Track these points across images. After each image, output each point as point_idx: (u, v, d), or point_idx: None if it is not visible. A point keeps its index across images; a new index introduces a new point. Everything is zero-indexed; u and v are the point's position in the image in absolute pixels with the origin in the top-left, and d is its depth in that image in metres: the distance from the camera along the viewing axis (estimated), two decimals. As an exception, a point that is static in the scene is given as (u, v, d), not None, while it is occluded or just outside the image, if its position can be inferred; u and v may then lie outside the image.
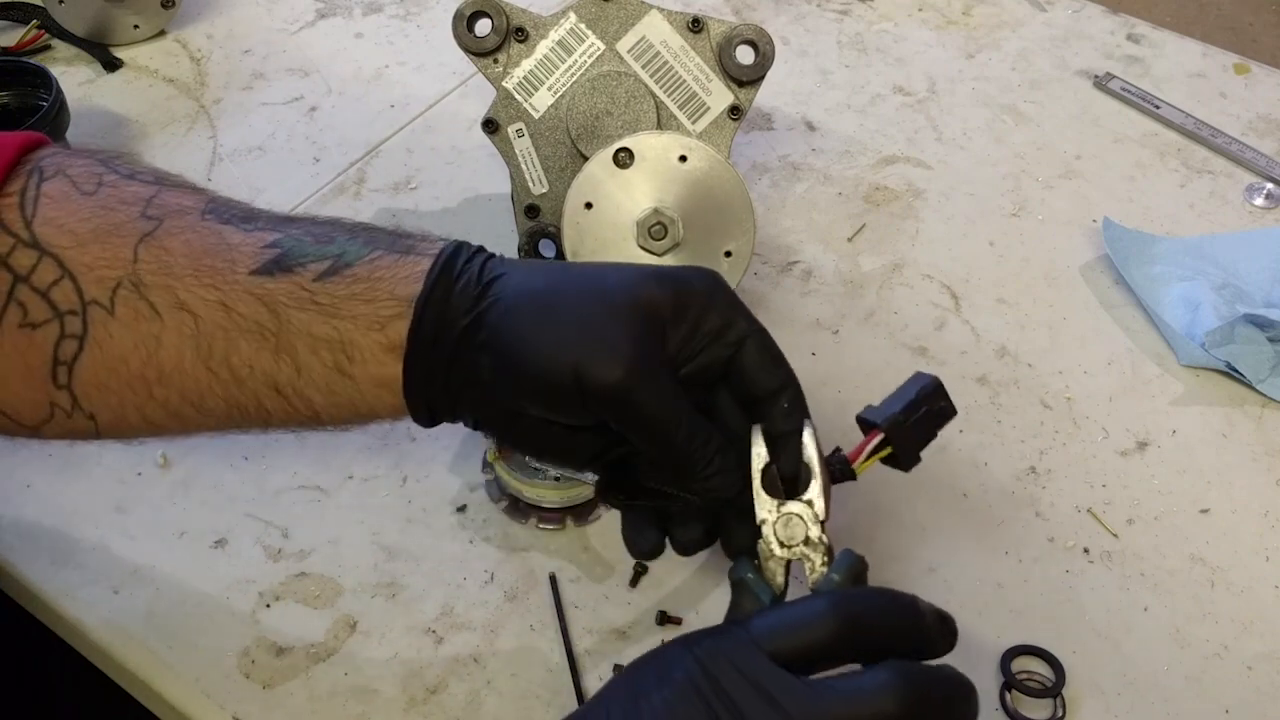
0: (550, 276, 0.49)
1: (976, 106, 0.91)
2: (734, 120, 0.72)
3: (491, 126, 0.71)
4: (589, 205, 0.66)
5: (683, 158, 0.66)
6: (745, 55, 0.71)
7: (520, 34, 0.70)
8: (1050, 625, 0.61)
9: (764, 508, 0.46)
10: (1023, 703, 0.57)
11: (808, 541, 0.46)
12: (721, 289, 0.49)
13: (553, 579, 0.61)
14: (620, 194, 0.66)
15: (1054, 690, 0.57)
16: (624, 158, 0.66)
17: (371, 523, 0.64)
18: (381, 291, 0.48)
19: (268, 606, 0.60)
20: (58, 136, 0.79)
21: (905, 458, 0.48)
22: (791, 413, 0.49)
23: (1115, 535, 0.65)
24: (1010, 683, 0.58)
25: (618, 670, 0.58)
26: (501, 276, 0.48)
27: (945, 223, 0.82)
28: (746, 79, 0.71)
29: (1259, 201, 0.84)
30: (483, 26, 0.70)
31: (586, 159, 0.67)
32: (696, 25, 0.70)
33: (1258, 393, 0.72)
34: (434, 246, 0.50)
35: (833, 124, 0.89)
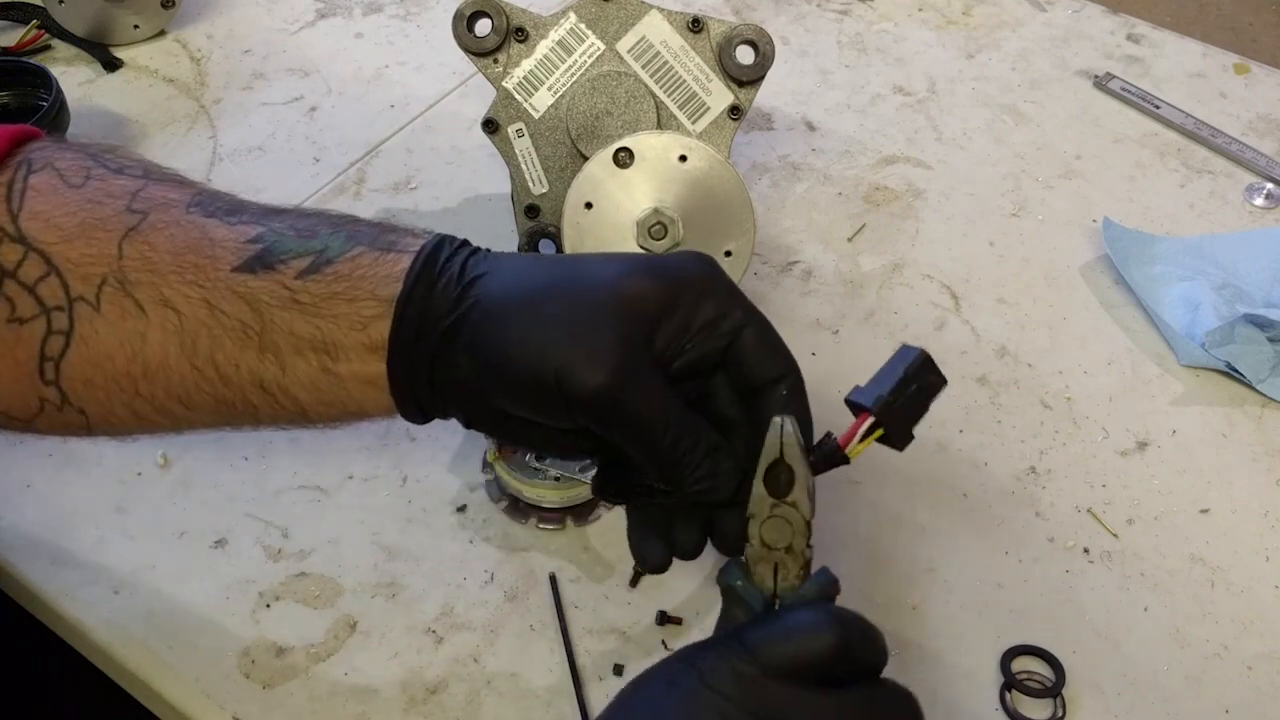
0: (534, 275, 0.48)
1: (976, 106, 0.91)
2: (734, 120, 0.72)
3: (491, 126, 0.71)
4: (589, 205, 0.66)
5: (683, 158, 0.66)
6: (745, 55, 0.71)
7: (520, 34, 0.70)
8: (1050, 625, 0.61)
9: (756, 504, 0.45)
10: (1023, 703, 0.57)
11: (789, 549, 0.45)
12: (717, 276, 0.48)
13: (553, 579, 0.61)
14: (620, 194, 0.66)
15: (1054, 690, 0.57)
16: (624, 158, 0.66)
17: (371, 523, 0.64)
18: (362, 291, 0.47)
19: (268, 606, 0.60)
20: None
21: (898, 437, 0.46)
22: (789, 401, 0.47)
23: (1115, 535, 0.65)
24: (1010, 683, 0.58)
25: (618, 670, 0.58)
26: (483, 276, 0.47)
27: (945, 223, 0.82)
28: (746, 79, 0.71)
29: (1259, 201, 0.84)
30: (483, 26, 0.70)
31: (586, 159, 0.67)
32: (696, 25, 0.70)
33: (1258, 393, 0.72)
34: (416, 242, 0.49)
35: (833, 124, 0.89)
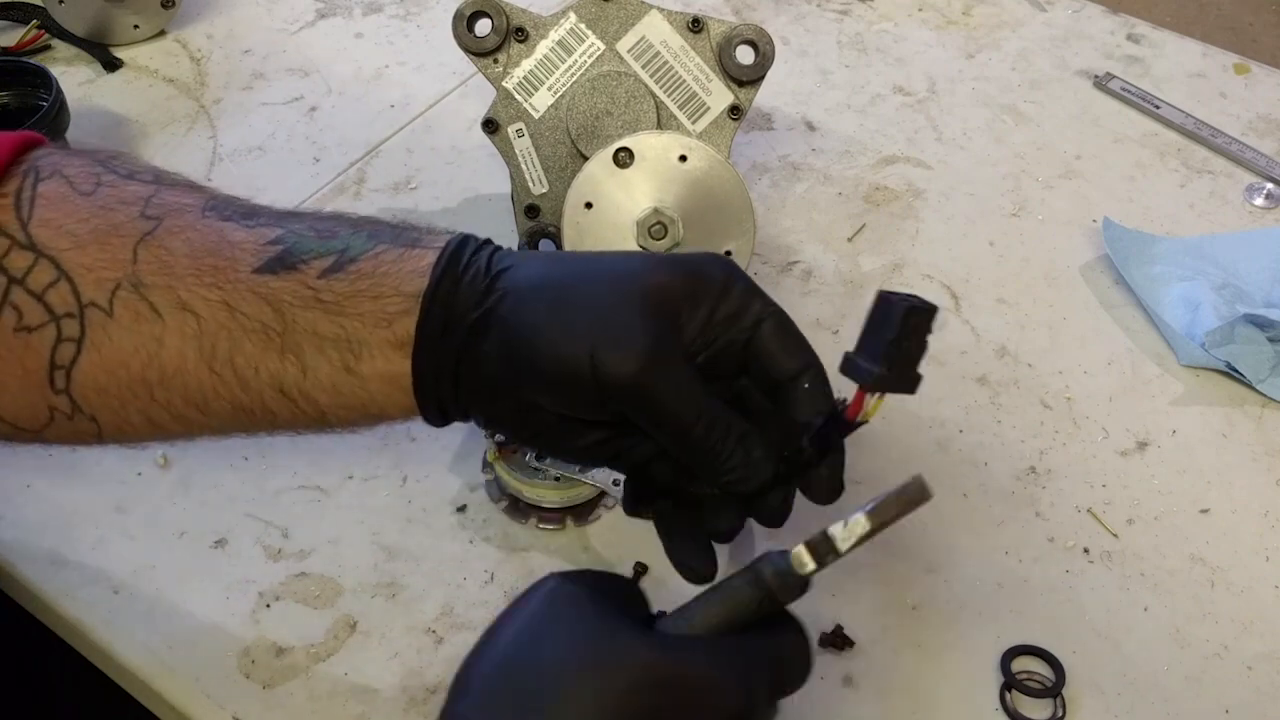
0: (560, 267, 0.48)
1: (976, 106, 0.91)
2: (734, 120, 0.72)
3: (491, 126, 0.71)
4: (589, 205, 0.66)
5: (683, 157, 0.66)
6: (745, 55, 0.71)
7: (520, 34, 0.70)
8: (1050, 625, 0.61)
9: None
10: (1023, 703, 0.57)
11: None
12: (736, 273, 0.48)
13: (553, 579, 0.61)
14: (620, 194, 0.66)
15: (1054, 690, 0.57)
16: (624, 157, 0.66)
17: (371, 523, 0.64)
18: (387, 287, 0.47)
19: (268, 606, 0.60)
20: (57, 137, 0.79)
21: (905, 387, 0.46)
22: (814, 396, 0.47)
23: (1115, 535, 0.65)
24: (1010, 683, 0.58)
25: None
26: (510, 268, 0.47)
27: (945, 223, 0.82)
28: (746, 79, 0.71)
29: (1259, 201, 0.84)
30: (483, 26, 0.70)
31: (586, 159, 0.67)
32: (696, 25, 0.70)
33: (1258, 393, 0.72)
34: (439, 239, 0.49)
35: (833, 124, 0.89)
